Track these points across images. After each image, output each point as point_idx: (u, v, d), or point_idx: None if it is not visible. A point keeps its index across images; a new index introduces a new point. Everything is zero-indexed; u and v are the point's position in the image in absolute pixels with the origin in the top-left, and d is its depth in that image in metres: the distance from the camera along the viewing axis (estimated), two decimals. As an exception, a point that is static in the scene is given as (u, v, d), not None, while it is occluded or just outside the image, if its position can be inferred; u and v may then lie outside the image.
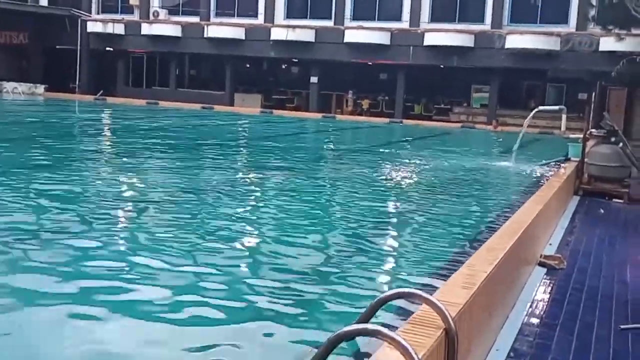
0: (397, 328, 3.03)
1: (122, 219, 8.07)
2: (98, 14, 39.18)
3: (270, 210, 9.20)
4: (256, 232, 7.75)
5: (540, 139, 25.31)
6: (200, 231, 7.56)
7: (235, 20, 35.89)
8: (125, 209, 8.68)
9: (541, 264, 6.44)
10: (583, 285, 5.95)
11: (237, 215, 8.56)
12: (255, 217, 8.64)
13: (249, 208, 9.25)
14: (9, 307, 4.75)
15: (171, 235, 7.10)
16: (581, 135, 13.00)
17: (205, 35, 35.55)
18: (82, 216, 7.81)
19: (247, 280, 5.80)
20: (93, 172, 11.78)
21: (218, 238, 7.21)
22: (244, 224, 8.16)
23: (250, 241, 7.34)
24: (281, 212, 8.96)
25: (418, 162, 16.12)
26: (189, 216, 8.18)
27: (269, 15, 35.31)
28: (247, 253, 6.82)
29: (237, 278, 5.82)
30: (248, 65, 38.57)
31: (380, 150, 18.96)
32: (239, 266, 6.25)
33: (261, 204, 9.63)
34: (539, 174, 13.98)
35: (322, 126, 28.64)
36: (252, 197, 10.15)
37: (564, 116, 19.13)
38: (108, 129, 22.50)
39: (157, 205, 8.82)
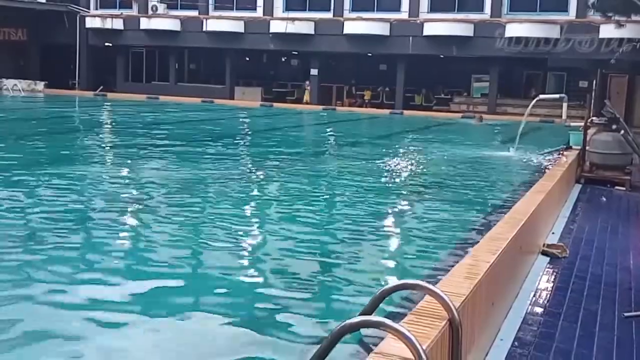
0: (401, 319, 3.04)
1: (129, 213, 8.08)
2: (96, 9, 39.08)
3: (273, 203, 9.20)
4: (259, 225, 7.76)
5: (542, 127, 25.26)
6: (204, 223, 7.58)
7: (234, 13, 35.79)
8: (132, 203, 8.69)
9: (544, 253, 6.44)
10: (586, 274, 5.95)
11: (239, 208, 8.57)
12: (257, 211, 8.64)
13: (250, 201, 9.26)
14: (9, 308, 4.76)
15: (176, 229, 7.11)
16: (582, 123, 12.96)
17: (204, 29, 35.45)
18: (88, 210, 7.83)
19: (251, 274, 5.81)
20: (101, 166, 11.83)
21: (219, 230, 7.22)
22: (245, 216, 8.17)
23: (253, 234, 7.35)
24: (284, 205, 8.96)
25: (419, 152, 16.11)
26: (193, 209, 8.19)
27: (268, 8, 35.21)
28: (250, 245, 6.83)
29: (240, 272, 5.82)
30: (248, 59, 38.49)
31: (382, 141, 18.94)
32: (242, 259, 6.26)
33: (263, 197, 9.63)
34: (540, 163, 13.96)
35: (323, 118, 28.60)
36: (254, 191, 10.14)
37: (564, 104, 19.08)
38: (111, 124, 22.50)
39: (162, 198, 8.81)
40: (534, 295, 5.20)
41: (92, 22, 37.66)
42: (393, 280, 3.55)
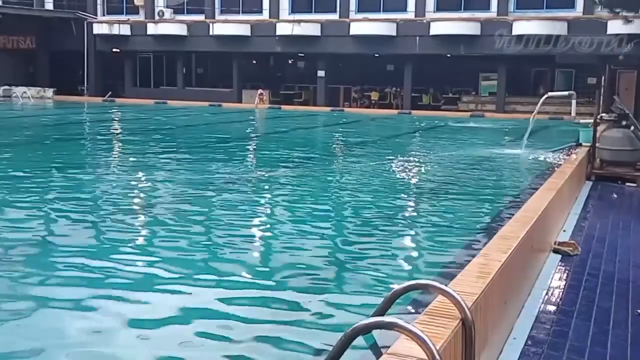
0: (413, 320, 3.04)
1: (138, 216, 8.11)
2: (103, 15, 39.26)
3: (284, 203, 9.21)
4: (271, 226, 7.77)
5: (551, 125, 25.15)
6: (217, 224, 7.61)
7: (241, 17, 35.88)
8: (143, 206, 8.73)
9: (556, 251, 6.42)
10: (598, 271, 5.92)
11: (251, 209, 8.59)
12: (270, 212, 8.66)
13: (262, 203, 9.28)
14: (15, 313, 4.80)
15: (188, 230, 7.14)
16: (592, 120, 12.90)
17: (211, 33, 35.57)
18: (95, 215, 7.87)
19: (261, 275, 5.81)
20: (117, 171, 11.90)
21: (232, 233, 7.24)
22: (258, 217, 8.19)
23: (265, 235, 7.37)
24: (295, 205, 8.96)
25: (428, 152, 16.09)
26: (207, 210, 8.22)
27: (274, 11, 35.26)
28: (262, 247, 6.86)
29: (250, 273, 5.83)
30: (255, 62, 38.55)
31: (391, 141, 18.93)
32: (251, 259, 6.28)
33: (273, 199, 9.64)
34: (550, 161, 13.91)
35: (331, 119, 28.60)
36: (264, 192, 10.15)
37: (573, 101, 19.00)
38: (120, 130, 22.60)
39: (176, 201, 8.85)
40: (546, 294, 5.19)
41: (99, 29, 37.86)
42: (405, 281, 3.54)
